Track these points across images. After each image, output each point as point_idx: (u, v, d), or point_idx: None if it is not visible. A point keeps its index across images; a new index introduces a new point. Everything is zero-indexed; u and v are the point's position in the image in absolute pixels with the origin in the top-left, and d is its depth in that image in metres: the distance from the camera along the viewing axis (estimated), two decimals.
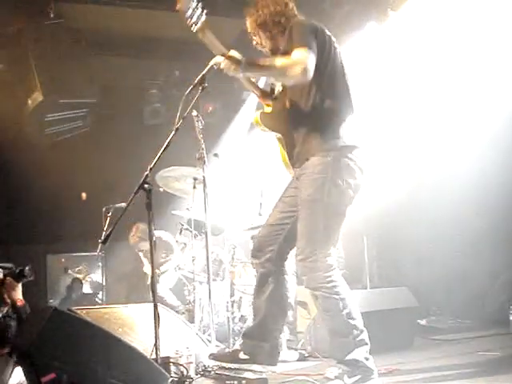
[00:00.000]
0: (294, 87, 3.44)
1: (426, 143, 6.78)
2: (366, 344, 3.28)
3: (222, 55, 3.33)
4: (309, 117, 3.40)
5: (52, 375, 2.73)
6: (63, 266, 9.73)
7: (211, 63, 3.58)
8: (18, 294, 3.69)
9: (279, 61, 3.29)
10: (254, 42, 3.67)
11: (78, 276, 9.65)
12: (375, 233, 6.92)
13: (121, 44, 7.93)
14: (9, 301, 3.68)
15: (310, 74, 3.22)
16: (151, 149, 3.54)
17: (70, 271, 9.54)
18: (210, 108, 8.81)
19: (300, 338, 5.27)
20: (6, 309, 3.66)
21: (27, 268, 3.73)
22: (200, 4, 3.32)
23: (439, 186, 6.79)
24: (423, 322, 6.34)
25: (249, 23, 3.64)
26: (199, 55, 3.68)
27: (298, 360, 4.70)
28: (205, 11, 3.36)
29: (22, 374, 3.21)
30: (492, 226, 6.39)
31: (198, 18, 3.33)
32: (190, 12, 3.30)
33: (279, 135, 3.59)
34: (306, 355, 4.81)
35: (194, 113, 4.67)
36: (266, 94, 3.78)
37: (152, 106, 8.85)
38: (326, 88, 3.39)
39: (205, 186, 4.74)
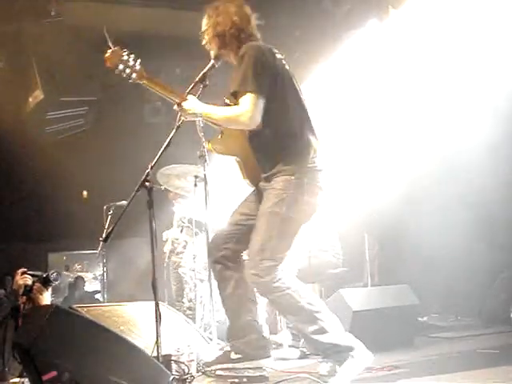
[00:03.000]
0: None
1: (426, 141, 6.77)
2: (336, 327, 3.34)
3: (177, 104, 3.50)
4: (269, 141, 3.45)
5: (53, 373, 2.73)
6: (64, 264, 9.76)
7: (212, 61, 3.59)
8: (46, 299, 3.71)
9: (224, 112, 3.44)
10: (204, 42, 3.65)
11: (78, 274, 9.68)
12: (376, 231, 6.92)
13: (121, 42, 7.91)
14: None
15: (257, 120, 3.34)
16: (152, 147, 3.54)
17: (70, 269, 9.58)
18: None
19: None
20: None
21: (53, 273, 3.75)
22: (131, 55, 3.50)
23: (440, 184, 6.79)
24: (424, 319, 6.34)
25: (205, 24, 3.62)
26: (200, 53, 3.68)
27: (299, 358, 4.70)
28: (138, 60, 3.49)
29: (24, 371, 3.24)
30: (492, 224, 6.39)
31: (133, 68, 3.47)
32: (121, 66, 3.50)
33: (236, 157, 3.66)
34: (308, 353, 4.81)
35: None
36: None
37: (153, 103, 8.85)
38: (281, 113, 3.44)
39: (206, 183, 4.74)
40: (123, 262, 9.00)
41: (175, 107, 3.53)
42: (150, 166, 3.28)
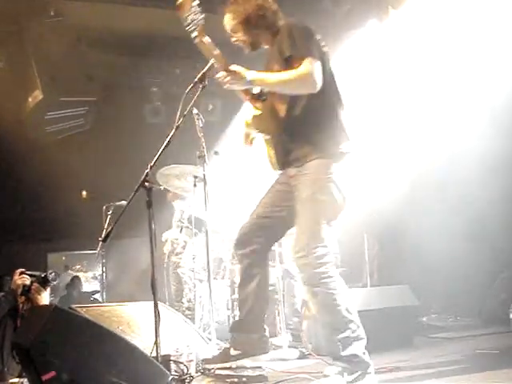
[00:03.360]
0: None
1: (426, 141, 6.77)
2: (363, 338, 3.28)
3: (225, 70, 3.34)
4: (305, 120, 3.40)
5: (52, 373, 2.73)
6: (64, 264, 9.76)
7: (212, 61, 3.59)
8: (44, 299, 3.70)
9: (285, 75, 3.28)
10: (234, 39, 3.61)
11: (78, 274, 9.68)
12: (376, 231, 6.93)
13: (121, 42, 7.93)
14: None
15: (319, 84, 3.24)
16: (151, 147, 3.54)
17: (70, 270, 9.58)
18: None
19: (301, 337, 5.27)
20: None
21: (51, 273, 3.74)
22: (199, 8, 3.35)
23: (440, 184, 6.80)
24: (423, 320, 6.34)
25: (229, 20, 3.57)
26: (200, 53, 3.68)
27: (298, 358, 4.70)
28: (203, 15, 3.38)
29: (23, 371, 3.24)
30: (492, 224, 6.39)
31: (198, 21, 3.37)
32: (191, 17, 3.35)
33: (268, 136, 3.58)
34: (307, 353, 4.81)
35: (195, 111, 4.67)
36: (255, 96, 3.69)
37: (152, 104, 8.86)
38: (320, 92, 3.33)
39: (205, 184, 4.74)
40: (123, 262, 9.00)
41: (220, 74, 3.37)
42: (149, 166, 3.27)
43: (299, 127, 3.41)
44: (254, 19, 3.50)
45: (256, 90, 3.57)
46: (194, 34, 3.42)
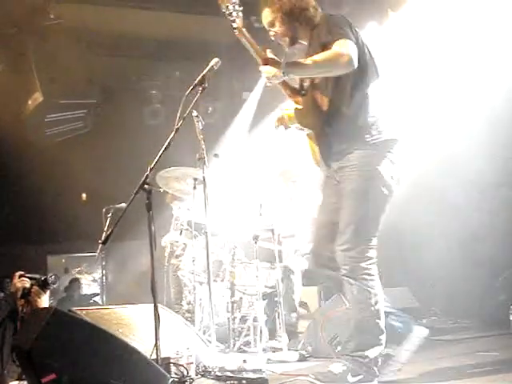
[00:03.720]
0: (324, 81, 3.43)
1: (426, 140, 6.76)
2: (381, 345, 3.30)
3: (263, 61, 3.31)
4: (346, 111, 3.37)
5: (52, 376, 2.72)
6: (64, 267, 9.76)
7: (211, 63, 3.59)
8: (44, 302, 3.69)
9: (320, 56, 3.25)
10: (272, 33, 3.56)
11: (78, 276, 9.67)
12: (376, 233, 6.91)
13: (121, 45, 7.94)
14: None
15: (355, 62, 3.21)
16: (151, 149, 3.54)
17: (70, 272, 9.57)
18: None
19: (300, 339, 5.26)
20: None
21: (51, 276, 3.73)
22: (239, 1, 3.34)
23: (440, 187, 6.79)
24: (423, 322, 6.33)
25: (270, 13, 3.52)
26: (199, 56, 3.68)
27: (298, 360, 4.69)
28: (241, 8, 3.36)
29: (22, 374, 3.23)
30: (492, 226, 6.39)
31: (237, 15, 3.35)
32: (231, 7, 3.33)
33: (309, 131, 3.55)
34: (307, 356, 4.80)
35: (194, 113, 4.67)
36: (295, 91, 3.68)
37: (152, 106, 8.87)
38: (360, 81, 3.37)
39: (205, 186, 4.74)
40: (122, 264, 9.00)
41: (261, 68, 3.35)
42: (149, 169, 3.28)
43: (342, 120, 3.39)
44: (297, 11, 3.49)
45: (295, 84, 3.59)
46: (233, 25, 3.39)
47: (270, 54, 3.36)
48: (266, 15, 3.55)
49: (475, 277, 6.43)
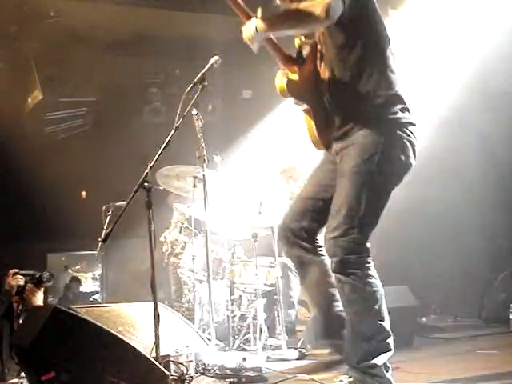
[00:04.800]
0: (332, 48, 2.96)
1: (425, 141, 6.76)
2: (390, 350, 2.81)
3: (246, 18, 2.94)
4: (353, 83, 2.92)
5: (52, 374, 2.73)
6: (63, 265, 9.74)
7: (211, 62, 3.59)
8: (38, 300, 3.69)
9: (295, 6, 2.83)
10: None
11: (77, 275, 9.66)
12: (375, 231, 6.91)
13: (121, 43, 7.93)
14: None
15: (334, 12, 2.74)
16: (151, 147, 3.54)
17: (69, 270, 9.56)
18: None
19: (300, 337, 5.27)
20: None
21: (45, 274, 3.73)
22: None
23: (440, 185, 6.79)
24: (423, 320, 6.34)
25: None
26: (199, 54, 3.68)
27: (297, 359, 4.70)
28: None
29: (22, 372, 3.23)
30: (492, 225, 6.40)
31: None
32: None
33: (307, 106, 3.09)
34: (306, 354, 4.81)
35: (194, 111, 4.67)
36: (291, 59, 3.18)
37: (152, 104, 8.85)
38: (370, 48, 2.91)
39: (205, 184, 4.74)
40: (122, 262, 8.98)
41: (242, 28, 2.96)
42: (148, 167, 3.27)
43: (346, 94, 2.95)
44: None
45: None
46: None
47: (258, 14, 2.94)
48: None
49: (475, 275, 6.44)
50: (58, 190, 8.12)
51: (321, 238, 3.10)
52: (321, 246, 3.11)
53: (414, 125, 2.95)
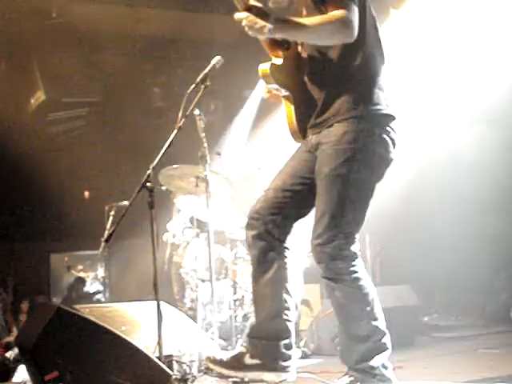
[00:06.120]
0: None
1: (425, 140, 6.77)
2: (387, 349, 2.81)
3: (245, 7, 2.76)
4: (335, 73, 2.84)
5: (55, 373, 2.74)
6: (66, 265, 9.77)
7: (213, 62, 3.59)
8: None
9: (317, 19, 2.71)
10: None
11: (81, 275, 9.69)
12: (377, 231, 6.92)
13: (123, 43, 7.94)
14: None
15: (355, 32, 2.70)
16: (153, 147, 3.55)
17: (72, 270, 9.58)
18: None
19: (302, 337, 5.28)
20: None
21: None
22: None
23: (441, 184, 6.80)
24: (425, 319, 6.35)
25: None
26: (201, 54, 3.69)
27: (300, 358, 4.71)
28: None
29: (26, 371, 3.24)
30: (493, 223, 6.40)
31: None
32: None
33: (288, 93, 2.98)
34: (309, 353, 4.82)
35: (197, 111, 4.67)
36: (276, 43, 3.02)
37: (154, 104, 8.86)
38: (357, 41, 2.77)
39: (207, 184, 4.75)
40: (125, 262, 9.00)
41: (239, 14, 2.77)
42: (151, 167, 3.28)
43: (328, 82, 2.86)
44: None
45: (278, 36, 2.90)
46: None
47: (253, 2, 2.80)
48: None
49: (477, 274, 6.45)
50: (61, 190, 8.15)
51: (291, 240, 3.02)
52: (288, 248, 3.01)
53: (394, 118, 2.85)
